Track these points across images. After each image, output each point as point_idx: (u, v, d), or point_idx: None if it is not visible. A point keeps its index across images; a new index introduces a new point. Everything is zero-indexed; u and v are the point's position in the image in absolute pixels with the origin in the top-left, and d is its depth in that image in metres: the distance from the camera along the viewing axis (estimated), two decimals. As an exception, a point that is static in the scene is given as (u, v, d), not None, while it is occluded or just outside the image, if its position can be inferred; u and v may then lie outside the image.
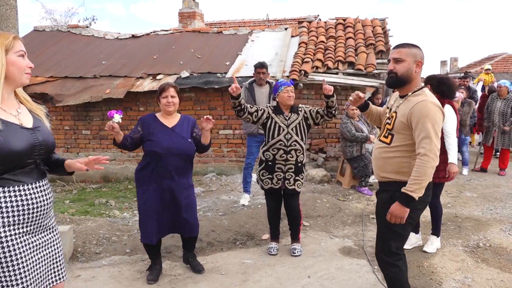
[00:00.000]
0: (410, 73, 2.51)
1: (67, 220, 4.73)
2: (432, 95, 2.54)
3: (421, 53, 2.54)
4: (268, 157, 3.91)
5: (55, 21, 20.33)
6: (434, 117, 2.40)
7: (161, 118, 3.42)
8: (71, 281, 3.47)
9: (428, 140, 2.38)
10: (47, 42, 9.70)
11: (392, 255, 2.60)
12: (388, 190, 2.61)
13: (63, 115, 8.17)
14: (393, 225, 2.53)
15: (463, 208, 5.60)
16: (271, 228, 4.16)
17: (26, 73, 1.93)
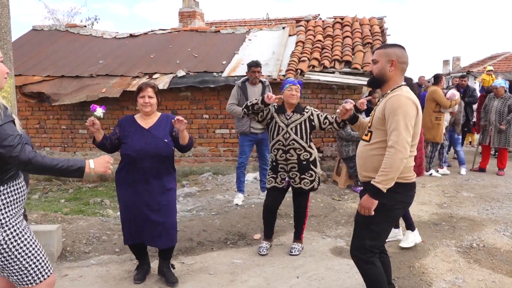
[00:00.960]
0: (384, 72, 2.55)
1: (59, 219, 4.71)
2: (409, 91, 2.53)
3: (398, 52, 2.55)
4: (272, 158, 3.96)
5: (58, 21, 20.38)
6: (405, 110, 2.40)
7: (139, 119, 3.32)
8: (58, 280, 3.44)
9: (396, 132, 2.38)
10: (45, 42, 9.71)
11: (366, 252, 2.61)
12: (368, 189, 2.56)
13: (60, 114, 8.17)
14: (371, 224, 2.55)
15: (459, 208, 5.54)
16: (265, 227, 4.13)
17: (4, 78, 2.07)
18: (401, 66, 2.56)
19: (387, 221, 2.58)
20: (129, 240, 3.32)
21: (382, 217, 2.54)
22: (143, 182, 3.19)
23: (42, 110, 8.26)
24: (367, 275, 2.67)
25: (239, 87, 5.47)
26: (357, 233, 2.68)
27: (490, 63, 21.41)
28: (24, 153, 1.91)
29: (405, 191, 2.54)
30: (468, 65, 23.53)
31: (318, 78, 7.14)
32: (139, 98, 3.26)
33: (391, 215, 2.57)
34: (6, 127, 1.90)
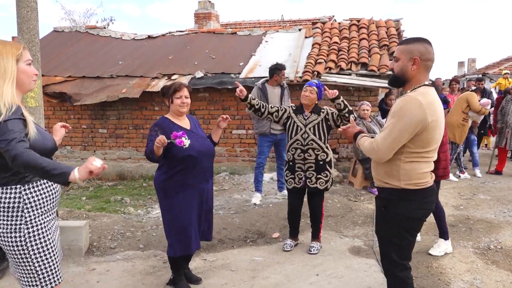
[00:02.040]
0: (405, 71, 2.34)
1: (83, 216, 4.87)
2: (426, 92, 2.30)
3: (422, 49, 2.31)
4: (289, 157, 4.03)
5: (74, 22, 20.76)
6: (402, 114, 2.24)
7: (176, 121, 3.22)
8: (86, 274, 3.60)
9: (383, 134, 2.32)
10: (66, 43, 9.94)
11: (395, 265, 2.46)
12: (382, 197, 2.49)
13: (80, 113, 8.37)
14: (391, 237, 2.44)
15: (475, 210, 5.57)
16: (291, 226, 4.27)
17: (33, 80, 2.12)
18: (425, 64, 2.32)
19: (407, 231, 2.41)
20: (187, 249, 3.15)
21: (399, 229, 2.40)
22: (205, 181, 3.20)
23: (63, 109, 8.47)
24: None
25: (259, 88, 5.57)
26: (381, 246, 2.56)
27: (506, 65, 21.18)
28: (14, 148, 1.85)
29: (420, 198, 2.37)
30: (484, 67, 23.29)
31: (334, 80, 7.20)
32: (176, 99, 3.15)
33: (411, 225, 2.42)
34: (9, 123, 1.90)
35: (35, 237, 2.08)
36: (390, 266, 2.49)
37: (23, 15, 4.87)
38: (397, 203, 2.37)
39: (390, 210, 2.40)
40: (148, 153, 3.02)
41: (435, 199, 2.50)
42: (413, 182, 2.33)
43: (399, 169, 2.33)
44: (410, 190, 2.34)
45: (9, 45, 2.04)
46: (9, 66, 1.99)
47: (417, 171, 2.33)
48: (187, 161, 3.05)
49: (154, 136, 3.01)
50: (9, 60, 1.99)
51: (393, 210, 2.39)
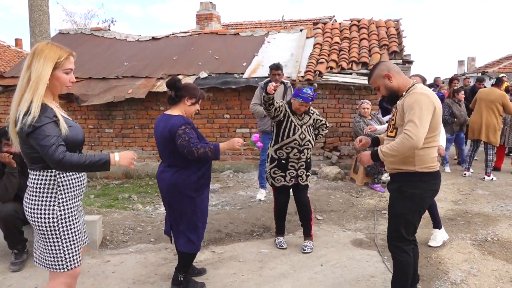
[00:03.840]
0: (389, 88, 2.77)
1: (95, 212, 5.05)
2: (424, 87, 2.70)
3: (383, 67, 2.78)
4: (282, 155, 4.02)
5: (75, 23, 20.96)
6: (420, 104, 2.55)
7: None
8: (101, 265, 3.78)
9: (412, 124, 2.53)
10: (71, 45, 10.10)
11: (403, 240, 2.81)
12: (398, 180, 2.81)
13: (87, 114, 8.55)
14: (403, 214, 2.78)
15: (473, 205, 5.74)
16: (279, 224, 4.30)
17: (67, 86, 2.26)
18: (397, 72, 2.77)
19: (417, 209, 2.77)
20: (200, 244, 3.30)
21: (413, 206, 2.75)
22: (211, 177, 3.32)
23: (70, 110, 8.64)
24: (399, 263, 2.85)
25: (262, 88, 5.75)
26: (391, 223, 2.87)
27: (506, 63, 21.34)
28: (55, 154, 2.04)
29: (431, 179, 2.74)
30: (483, 66, 23.44)
31: (336, 79, 7.38)
32: (198, 105, 3.24)
33: (421, 203, 2.77)
34: (45, 128, 2.06)
35: (66, 219, 2.25)
36: (398, 241, 2.83)
37: (36, 19, 5.05)
38: (413, 184, 2.73)
39: (407, 191, 2.75)
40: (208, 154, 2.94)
41: (440, 182, 2.85)
42: (426, 165, 2.70)
43: (414, 155, 2.67)
44: (423, 173, 2.71)
45: (53, 51, 2.16)
46: (45, 72, 2.12)
47: (429, 155, 2.70)
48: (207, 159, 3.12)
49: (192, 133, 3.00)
50: (47, 66, 2.12)
51: (409, 191, 2.74)
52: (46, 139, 2.05)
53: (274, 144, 4.08)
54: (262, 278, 3.55)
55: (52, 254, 2.26)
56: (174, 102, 3.14)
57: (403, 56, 7.77)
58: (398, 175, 2.80)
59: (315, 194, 5.90)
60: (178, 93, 3.11)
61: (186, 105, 3.14)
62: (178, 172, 3.07)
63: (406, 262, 2.84)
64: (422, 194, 2.75)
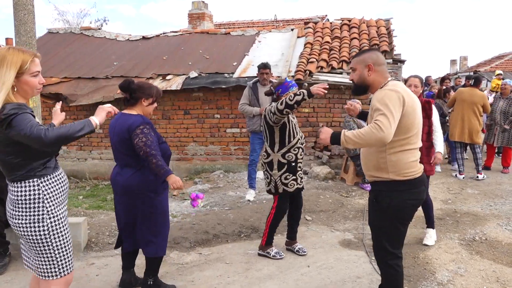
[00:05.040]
0: (363, 78, 2.57)
1: (81, 213, 4.99)
2: (396, 84, 2.49)
3: (373, 56, 2.56)
4: (291, 158, 3.77)
5: (68, 23, 20.79)
6: (388, 99, 2.34)
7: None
8: (85, 268, 3.72)
9: (382, 116, 2.30)
10: (61, 44, 10.02)
11: (387, 254, 2.59)
12: (374, 190, 2.61)
13: (76, 114, 8.46)
14: (382, 227, 2.57)
15: (463, 204, 5.74)
16: (273, 233, 4.00)
17: (37, 89, 2.21)
18: (380, 68, 2.55)
19: (399, 222, 2.53)
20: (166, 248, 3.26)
21: (391, 218, 2.51)
22: None
23: (59, 110, 8.55)
24: (386, 277, 2.66)
25: (250, 87, 5.72)
26: (374, 236, 2.68)
27: (497, 62, 21.47)
28: (39, 131, 2.01)
29: (411, 188, 2.47)
30: (475, 65, 23.58)
31: (326, 78, 7.35)
32: (155, 104, 3.17)
33: (400, 215, 2.52)
34: (24, 115, 2.04)
35: (57, 226, 2.24)
36: (383, 255, 2.62)
37: (20, 18, 4.97)
38: (387, 194, 2.49)
39: (382, 202, 2.51)
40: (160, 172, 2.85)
41: (425, 189, 2.62)
42: (401, 172, 2.45)
43: (386, 161, 2.45)
44: (399, 181, 2.46)
45: (16, 56, 2.10)
46: (8, 78, 2.06)
47: (404, 161, 2.45)
48: (168, 161, 3.09)
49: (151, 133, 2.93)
50: (11, 73, 2.07)
51: (384, 201, 2.50)
52: (26, 123, 2.01)
53: (280, 149, 3.77)
54: (248, 280, 3.52)
55: (45, 262, 2.24)
56: (130, 104, 3.07)
57: (394, 56, 7.76)
58: (375, 183, 2.58)
59: (305, 194, 5.83)
60: (134, 94, 3.02)
61: (143, 105, 3.06)
62: (135, 174, 2.99)
63: (392, 277, 2.62)
64: (400, 205, 2.48)
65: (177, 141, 8.14)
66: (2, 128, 2.04)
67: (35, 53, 2.18)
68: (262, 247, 3.99)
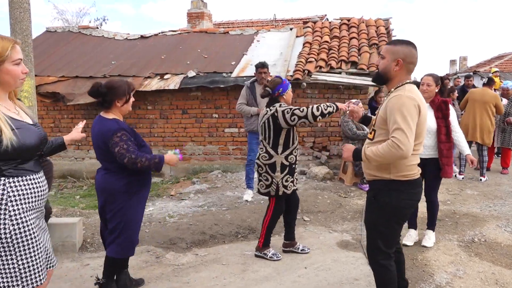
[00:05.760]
0: (388, 70, 2.52)
1: (77, 213, 4.95)
2: (412, 89, 2.47)
3: (406, 51, 2.48)
4: (292, 160, 3.78)
5: (67, 22, 20.72)
6: (405, 109, 2.35)
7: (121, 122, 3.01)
8: (80, 269, 3.68)
9: (400, 132, 2.33)
10: (59, 43, 9.97)
11: (380, 253, 2.60)
12: (373, 188, 2.63)
13: (74, 113, 8.42)
14: (378, 225, 2.58)
15: (462, 205, 5.70)
16: (270, 234, 3.98)
17: (21, 79, 2.04)
18: (408, 66, 2.50)
19: (395, 221, 2.56)
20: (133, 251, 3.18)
21: (388, 216, 2.53)
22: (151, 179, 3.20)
23: (56, 109, 8.51)
24: (378, 277, 2.67)
25: (248, 87, 5.68)
26: (368, 234, 2.70)
27: (497, 63, 21.43)
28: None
29: (409, 189, 2.51)
30: (475, 65, 23.53)
31: (325, 78, 7.32)
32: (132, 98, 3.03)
33: (397, 214, 2.55)
34: None
35: (21, 233, 1.99)
36: (375, 254, 2.63)
37: (16, 16, 4.93)
38: (386, 193, 2.52)
39: (380, 200, 2.54)
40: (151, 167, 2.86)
41: (421, 191, 2.64)
42: (402, 173, 2.49)
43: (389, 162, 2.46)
44: (399, 181, 2.50)
45: None
46: None
47: (406, 163, 2.47)
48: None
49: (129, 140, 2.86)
50: None
51: (382, 200, 2.53)
52: None
53: (283, 151, 3.72)
54: (244, 282, 3.47)
55: (7, 274, 1.98)
56: (106, 107, 2.97)
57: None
58: (374, 182, 2.61)
59: (303, 194, 5.83)
60: (106, 98, 2.92)
61: (118, 107, 2.96)
62: (106, 174, 2.98)
63: (387, 277, 2.62)
64: (399, 205, 2.52)
65: (175, 140, 8.09)
66: None
67: (15, 40, 2.02)
68: (259, 248, 3.96)
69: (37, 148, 2.11)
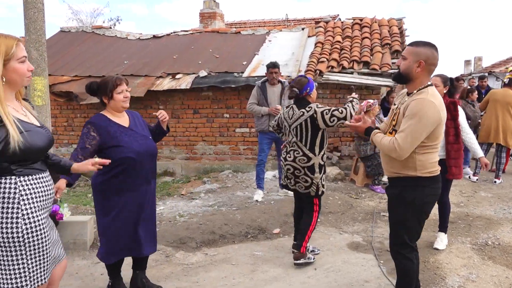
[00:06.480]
0: (409, 71, 2.56)
1: (89, 212, 5.00)
2: (435, 93, 2.54)
3: (429, 54, 2.53)
4: (325, 159, 3.81)
5: (81, 22, 20.94)
6: (421, 116, 2.42)
7: (113, 118, 2.95)
8: (91, 267, 3.71)
9: (403, 135, 2.45)
10: (72, 43, 10.08)
11: (405, 247, 2.71)
12: (397, 185, 2.71)
13: (86, 112, 8.50)
14: (405, 220, 2.68)
15: (475, 207, 5.61)
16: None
17: (27, 77, 2.03)
18: (429, 68, 2.56)
19: (419, 215, 2.68)
20: (120, 254, 3.03)
21: (414, 212, 2.65)
22: (146, 183, 2.98)
23: (70, 108, 8.62)
24: (402, 270, 2.76)
25: (258, 87, 5.67)
26: (393, 230, 2.77)
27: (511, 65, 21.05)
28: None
29: (432, 184, 2.64)
30: (490, 65, 23.14)
31: (336, 78, 7.27)
32: (117, 94, 2.89)
33: (423, 208, 2.66)
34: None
35: (33, 233, 2.00)
36: (402, 248, 2.73)
37: (30, 16, 5.00)
38: (413, 189, 2.63)
39: (406, 196, 2.64)
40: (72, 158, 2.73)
41: (440, 186, 2.75)
42: (427, 170, 2.61)
43: (415, 160, 2.58)
44: (424, 177, 2.61)
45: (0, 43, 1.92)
46: None
47: (430, 161, 2.60)
48: (124, 163, 2.83)
49: (87, 136, 2.82)
50: None
51: (409, 196, 2.63)
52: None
53: (319, 151, 3.71)
54: (254, 282, 3.47)
55: (15, 272, 1.97)
56: (102, 104, 3.00)
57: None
58: (398, 179, 2.69)
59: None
60: (99, 96, 2.94)
61: (107, 104, 2.94)
62: (96, 173, 2.88)
63: (408, 269, 2.74)
64: (424, 199, 2.64)
65: (186, 140, 8.13)
66: None
67: (18, 38, 2.01)
68: (302, 255, 3.74)
69: (45, 150, 2.13)
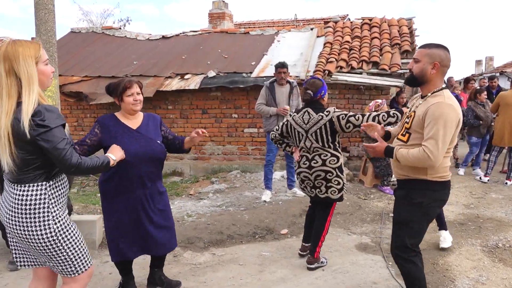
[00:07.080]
0: (424, 73, 2.53)
1: (98, 211, 5.03)
2: (451, 96, 2.53)
3: (442, 55, 2.51)
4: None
5: (91, 23, 21.15)
6: (446, 119, 2.40)
7: (123, 119, 2.98)
8: (99, 266, 3.74)
9: (433, 142, 2.40)
10: (82, 43, 10.18)
11: (406, 250, 2.67)
12: (406, 187, 2.68)
13: (96, 112, 8.57)
14: (410, 222, 2.64)
15: (486, 209, 5.55)
16: None
17: (51, 78, 2.16)
18: (443, 70, 2.54)
19: (425, 219, 2.65)
20: (124, 254, 3.04)
21: (420, 214, 2.61)
22: (140, 187, 2.94)
23: (80, 108, 8.69)
24: (407, 274, 2.72)
25: (267, 87, 5.66)
26: (396, 232, 2.74)
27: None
28: (72, 158, 2.02)
29: (442, 189, 2.61)
30: (502, 65, 22.88)
31: (345, 78, 7.24)
32: (127, 97, 2.91)
33: (429, 212, 2.64)
34: (59, 130, 2.00)
35: (64, 230, 2.16)
36: (402, 251, 2.69)
37: (41, 17, 5.05)
38: (421, 192, 2.59)
39: (415, 199, 2.61)
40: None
41: (449, 192, 2.71)
42: (439, 175, 2.57)
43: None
44: (434, 182, 2.58)
45: (28, 47, 2.02)
46: (33, 71, 2.01)
47: (442, 165, 2.55)
48: (118, 165, 2.68)
49: (91, 132, 2.90)
50: (32, 64, 2.01)
51: (418, 199, 2.60)
52: (62, 142, 1.99)
53: (340, 150, 3.73)
54: (261, 283, 3.46)
55: (62, 264, 2.19)
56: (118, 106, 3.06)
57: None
58: (407, 181, 2.66)
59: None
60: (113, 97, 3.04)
61: (120, 104, 2.99)
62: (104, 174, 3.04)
63: (414, 272, 2.69)
64: (431, 204, 2.61)
65: (195, 140, 8.13)
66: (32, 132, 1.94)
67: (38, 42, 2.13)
68: (315, 259, 3.68)
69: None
